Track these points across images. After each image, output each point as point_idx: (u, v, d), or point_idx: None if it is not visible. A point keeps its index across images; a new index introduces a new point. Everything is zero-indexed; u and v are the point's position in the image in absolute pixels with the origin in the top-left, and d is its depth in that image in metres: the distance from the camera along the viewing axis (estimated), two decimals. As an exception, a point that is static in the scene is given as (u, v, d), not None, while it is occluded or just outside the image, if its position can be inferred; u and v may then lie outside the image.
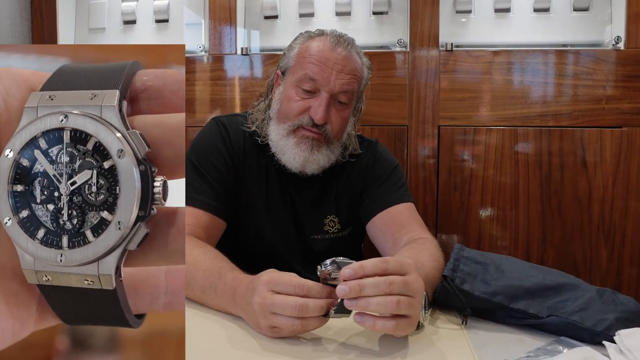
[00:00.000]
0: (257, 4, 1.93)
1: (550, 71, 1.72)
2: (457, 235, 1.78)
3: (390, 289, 0.70)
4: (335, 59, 1.12)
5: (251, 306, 0.76)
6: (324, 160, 1.16)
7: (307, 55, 1.14)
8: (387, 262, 0.72)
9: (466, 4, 1.81)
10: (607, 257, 1.70)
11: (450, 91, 1.77)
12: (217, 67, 1.89)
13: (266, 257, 1.19)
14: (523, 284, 0.85)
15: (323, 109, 1.11)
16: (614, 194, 1.69)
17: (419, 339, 0.80)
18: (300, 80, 1.13)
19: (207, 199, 1.12)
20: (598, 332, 0.76)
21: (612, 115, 1.69)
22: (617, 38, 1.69)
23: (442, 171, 1.78)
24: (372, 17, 1.88)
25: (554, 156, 1.71)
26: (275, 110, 1.19)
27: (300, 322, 0.73)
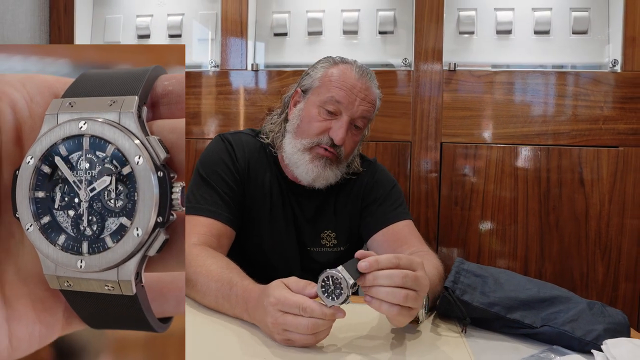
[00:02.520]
0: (268, 20, 2.00)
1: (549, 91, 1.78)
2: (457, 248, 1.83)
3: (403, 282, 0.77)
4: (360, 87, 1.19)
5: (265, 323, 0.82)
6: (333, 177, 1.23)
7: (333, 79, 1.20)
8: (400, 258, 0.79)
9: (469, 25, 1.88)
10: (604, 273, 1.75)
11: (452, 109, 1.83)
12: (226, 82, 1.95)
13: (268, 265, 1.26)
14: (519, 296, 0.90)
15: (344, 130, 1.17)
16: (610, 211, 1.74)
17: (421, 344, 0.85)
18: (325, 102, 1.19)
19: (218, 209, 1.17)
20: (587, 342, 0.81)
21: (609, 135, 1.74)
22: (614, 61, 1.75)
23: (443, 186, 1.84)
24: (378, 37, 1.94)
25: (552, 173, 1.77)
26: (294, 125, 1.24)
27: (312, 337, 0.79)
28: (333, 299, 0.76)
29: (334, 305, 0.77)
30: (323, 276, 0.77)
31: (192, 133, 1.96)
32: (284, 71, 1.92)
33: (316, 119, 1.20)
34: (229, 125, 1.95)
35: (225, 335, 0.87)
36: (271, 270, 1.25)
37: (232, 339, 0.85)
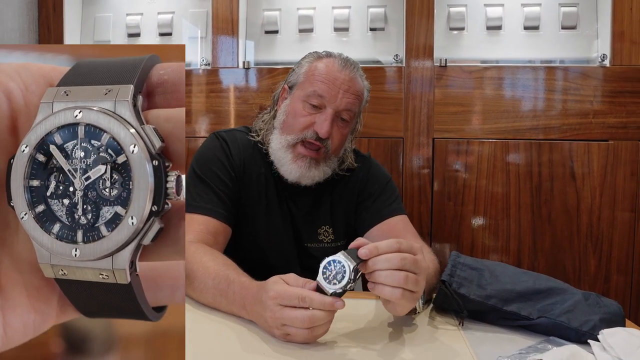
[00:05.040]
0: (259, 18, 1.99)
1: (539, 86, 1.80)
2: (450, 243, 1.85)
3: (402, 264, 0.77)
4: (343, 79, 1.19)
5: (264, 318, 0.82)
6: (319, 175, 1.23)
7: (316, 73, 1.21)
8: (400, 242, 0.80)
9: (459, 21, 1.89)
10: (596, 265, 1.77)
11: (444, 105, 1.84)
12: (218, 80, 1.95)
13: (266, 262, 1.25)
14: (515, 288, 0.91)
15: (328, 123, 1.17)
16: (601, 205, 1.76)
17: (420, 337, 0.86)
18: (309, 96, 1.19)
19: (214, 206, 1.17)
20: (584, 332, 0.82)
21: (599, 129, 1.76)
22: (603, 56, 1.77)
23: (436, 182, 1.85)
24: (369, 33, 1.95)
25: (543, 168, 1.78)
26: (280, 121, 1.25)
27: (310, 331, 0.78)
28: (335, 284, 0.76)
29: (334, 295, 0.76)
30: (324, 263, 0.78)
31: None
32: (275, 69, 1.92)
33: (301, 114, 1.20)
34: (220, 124, 1.94)
35: (224, 332, 0.86)
36: (268, 267, 1.25)
37: (230, 335, 0.85)
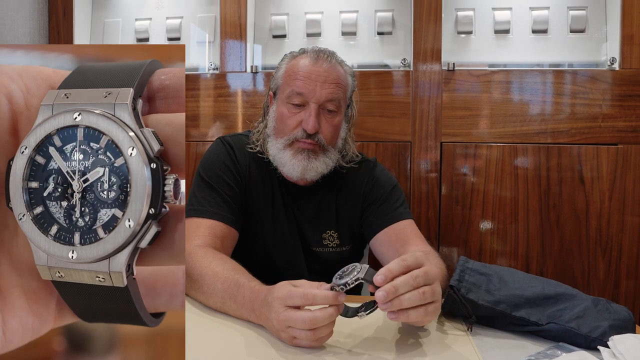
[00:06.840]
0: (267, 22, 2.00)
1: (548, 90, 1.79)
2: (458, 247, 1.84)
3: (417, 283, 0.78)
4: (318, 71, 1.20)
5: (270, 321, 0.83)
6: (322, 167, 1.23)
7: (292, 73, 1.22)
8: (405, 259, 0.80)
9: (467, 25, 1.88)
10: (605, 270, 1.76)
11: (452, 109, 1.83)
12: (226, 84, 1.95)
13: (272, 266, 1.26)
14: (524, 293, 0.90)
15: (313, 118, 1.18)
16: (610, 209, 1.75)
17: (428, 343, 0.86)
18: (290, 97, 1.21)
19: (221, 211, 1.18)
20: (593, 338, 0.81)
21: (608, 133, 1.75)
22: (612, 59, 1.76)
23: (444, 186, 1.84)
24: (377, 38, 1.95)
25: (552, 172, 1.77)
26: (272, 127, 1.26)
27: (313, 333, 0.79)
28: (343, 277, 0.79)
29: (336, 290, 0.79)
30: (344, 267, 0.81)
31: (191, 136, 1.96)
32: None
33: (287, 116, 1.21)
34: (228, 128, 1.95)
35: (231, 336, 0.87)
36: (276, 271, 1.25)
37: (238, 339, 0.85)
